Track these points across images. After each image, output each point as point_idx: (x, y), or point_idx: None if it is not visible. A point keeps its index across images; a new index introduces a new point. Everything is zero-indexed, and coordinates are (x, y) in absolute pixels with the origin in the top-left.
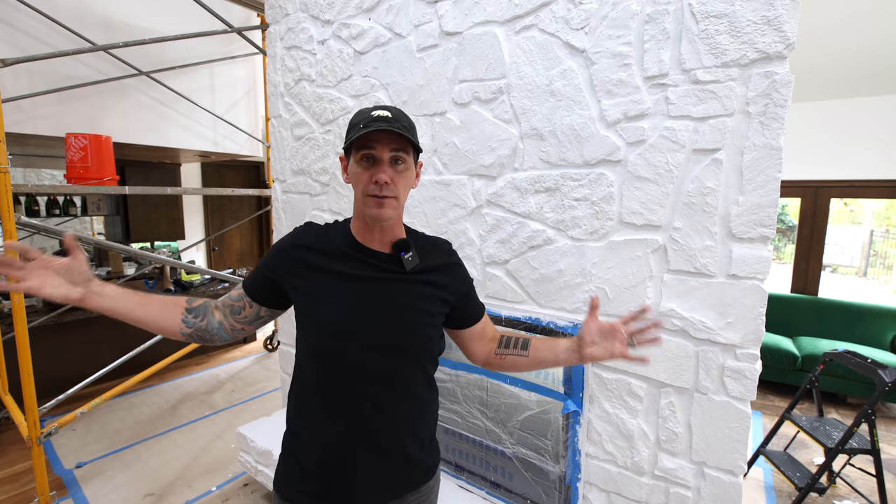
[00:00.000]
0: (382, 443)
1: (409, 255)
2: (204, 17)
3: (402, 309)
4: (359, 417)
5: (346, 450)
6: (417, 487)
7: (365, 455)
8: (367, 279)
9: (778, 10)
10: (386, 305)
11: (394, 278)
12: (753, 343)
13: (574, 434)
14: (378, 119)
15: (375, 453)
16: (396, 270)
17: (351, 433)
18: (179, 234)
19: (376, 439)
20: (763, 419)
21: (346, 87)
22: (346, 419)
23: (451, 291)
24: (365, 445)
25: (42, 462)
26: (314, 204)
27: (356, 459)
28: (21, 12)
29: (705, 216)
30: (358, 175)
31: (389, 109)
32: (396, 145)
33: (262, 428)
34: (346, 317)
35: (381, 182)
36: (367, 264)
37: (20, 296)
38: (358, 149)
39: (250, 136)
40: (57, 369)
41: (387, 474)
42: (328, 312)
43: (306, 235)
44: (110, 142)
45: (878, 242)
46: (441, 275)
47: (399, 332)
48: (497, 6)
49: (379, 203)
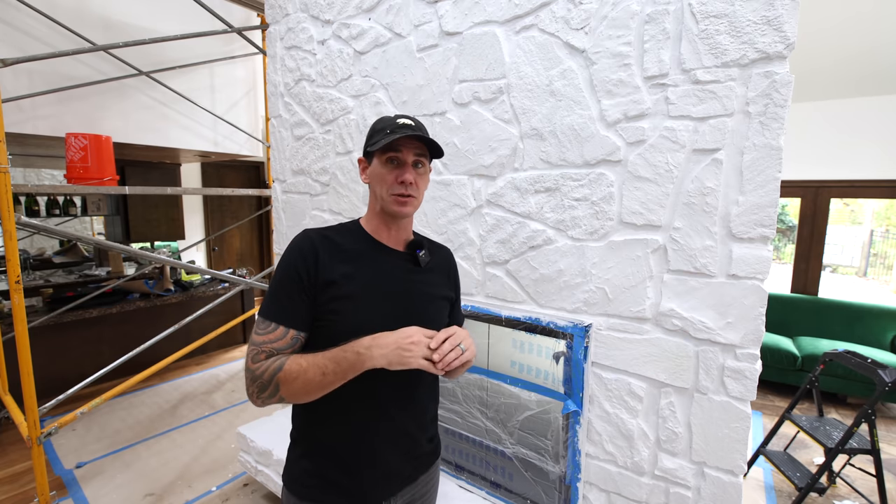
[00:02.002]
0: (403, 431)
1: (423, 252)
2: (204, 17)
3: (427, 301)
4: (382, 409)
5: (370, 442)
6: (428, 469)
7: (388, 445)
8: (392, 274)
9: (778, 10)
10: (413, 298)
11: (414, 272)
12: (753, 343)
13: (574, 434)
14: (403, 126)
15: (397, 442)
16: (414, 267)
17: (374, 425)
18: (179, 234)
19: (398, 428)
20: (763, 419)
21: (346, 87)
22: (369, 411)
23: (451, 291)
24: (388, 435)
25: (42, 462)
26: (314, 204)
27: (381, 450)
28: (21, 12)
29: (705, 216)
30: (383, 176)
31: (411, 119)
32: (419, 150)
33: (262, 428)
34: (380, 310)
35: (406, 182)
36: (389, 261)
37: (20, 296)
38: (384, 151)
39: (250, 136)
40: (57, 369)
41: (406, 460)
42: (363, 307)
43: (319, 234)
44: (110, 142)
45: (878, 242)
46: (445, 276)
47: (427, 323)
48: (497, 6)
49: (403, 202)
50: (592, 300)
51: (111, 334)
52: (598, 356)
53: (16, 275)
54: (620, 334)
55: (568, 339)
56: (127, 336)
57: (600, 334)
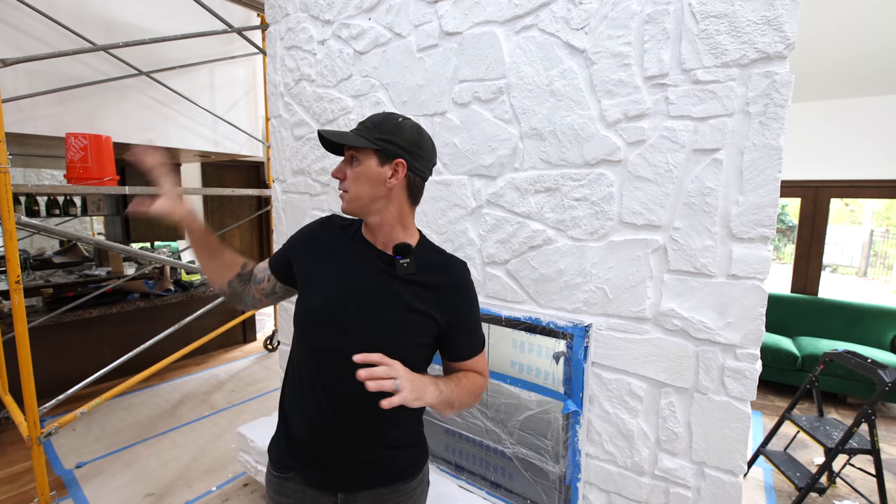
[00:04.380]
0: (354, 430)
1: (405, 260)
2: (204, 17)
3: (392, 302)
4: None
5: (326, 427)
6: (397, 483)
7: (336, 440)
8: (357, 270)
9: (778, 10)
10: (371, 291)
11: (381, 276)
12: (753, 343)
13: (574, 434)
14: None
15: (347, 439)
16: (388, 271)
17: (329, 412)
18: (179, 233)
19: (349, 427)
20: (763, 419)
21: (346, 87)
22: (322, 398)
23: (437, 311)
24: (342, 424)
25: (42, 462)
26: (314, 204)
27: (335, 437)
28: (21, 12)
29: (705, 216)
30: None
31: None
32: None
33: (262, 428)
34: (331, 301)
35: (334, 176)
36: (365, 258)
37: (20, 296)
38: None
39: (250, 136)
40: (57, 369)
41: (363, 462)
42: (318, 290)
43: (333, 224)
44: (110, 142)
45: (878, 242)
46: (435, 292)
47: (379, 333)
48: (497, 6)
49: (342, 197)
50: (592, 300)
51: (111, 334)
52: (598, 356)
53: (16, 275)
54: (620, 334)
55: (568, 339)
56: (127, 336)
57: (600, 334)
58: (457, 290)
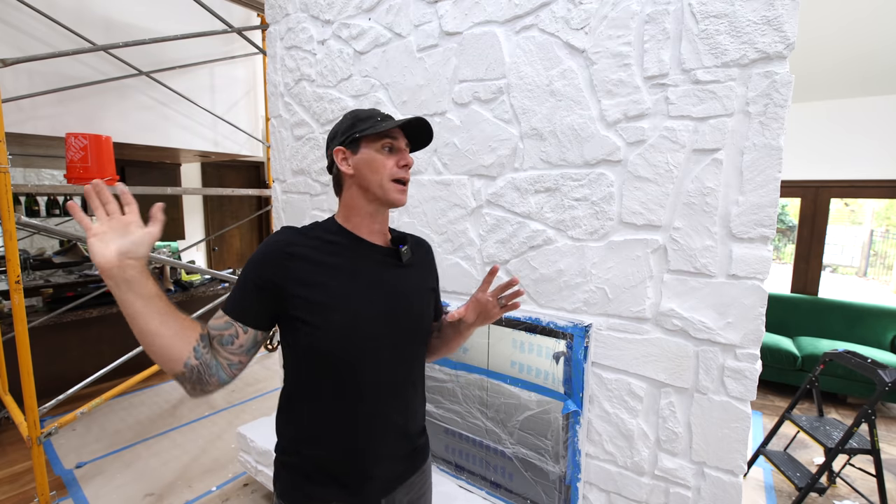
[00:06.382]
0: (396, 428)
1: (406, 247)
2: (204, 17)
3: (415, 294)
4: (376, 409)
5: (367, 442)
6: (421, 467)
7: (382, 443)
8: (375, 271)
9: (778, 10)
10: (399, 293)
11: (399, 266)
12: (753, 343)
13: (574, 434)
14: (388, 117)
15: (391, 440)
16: (396, 262)
17: (370, 426)
18: (179, 234)
19: (392, 426)
20: (763, 419)
21: (346, 87)
22: (363, 412)
23: (435, 283)
24: (382, 434)
25: (42, 462)
26: (314, 204)
27: (376, 450)
28: (21, 12)
29: (705, 216)
30: (381, 163)
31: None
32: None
33: (262, 428)
34: (364, 309)
35: (410, 165)
36: (371, 257)
37: (20, 296)
38: (380, 138)
39: (250, 136)
40: (57, 369)
41: (400, 458)
42: (344, 307)
43: (292, 235)
44: (110, 142)
45: (878, 242)
46: (427, 268)
47: (413, 318)
48: (497, 6)
49: (403, 189)
50: (592, 300)
51: (111, 334)
52: (598, 356)
53: (16, 275)
54: (620, 334)
55: (568, 339)
56: (127, 336)
57: (600, 334)
58: (434, 261)
